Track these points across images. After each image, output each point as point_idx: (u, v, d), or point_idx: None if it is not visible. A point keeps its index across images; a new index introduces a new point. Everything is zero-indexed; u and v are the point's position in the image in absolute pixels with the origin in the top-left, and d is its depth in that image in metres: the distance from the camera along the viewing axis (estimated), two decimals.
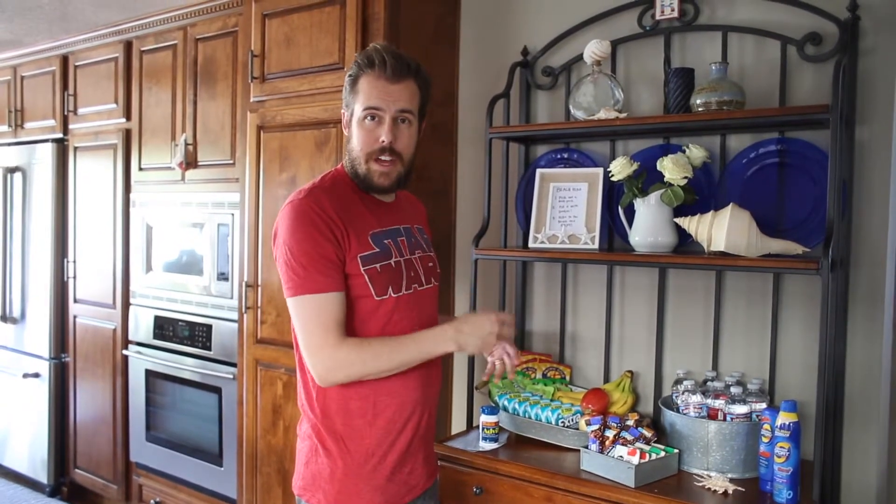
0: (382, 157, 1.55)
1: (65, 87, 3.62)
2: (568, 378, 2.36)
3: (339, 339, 1.48)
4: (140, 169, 3.29)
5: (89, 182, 3.53)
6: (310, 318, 1.49)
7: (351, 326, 1.54)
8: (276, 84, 2.58)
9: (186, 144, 3.03)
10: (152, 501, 3.27)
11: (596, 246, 2.15)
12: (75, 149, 3.58)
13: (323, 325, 1.48)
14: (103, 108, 3.43)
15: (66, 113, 3.61)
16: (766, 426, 1.75)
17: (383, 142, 1.54)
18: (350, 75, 1.58)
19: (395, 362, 1.51)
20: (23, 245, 3.84)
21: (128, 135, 3.33)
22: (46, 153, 3.66)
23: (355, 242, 1.52)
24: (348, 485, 1.55)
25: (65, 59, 3.63)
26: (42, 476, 3.73)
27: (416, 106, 1.59)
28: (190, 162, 3.03)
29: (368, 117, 1.54)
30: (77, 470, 3.65)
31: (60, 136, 3.65)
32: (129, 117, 3.33)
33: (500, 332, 1.55)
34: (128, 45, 3.31)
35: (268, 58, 2.60)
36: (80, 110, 3.55)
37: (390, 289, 1.55)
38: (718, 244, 1.84)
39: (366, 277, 1.52)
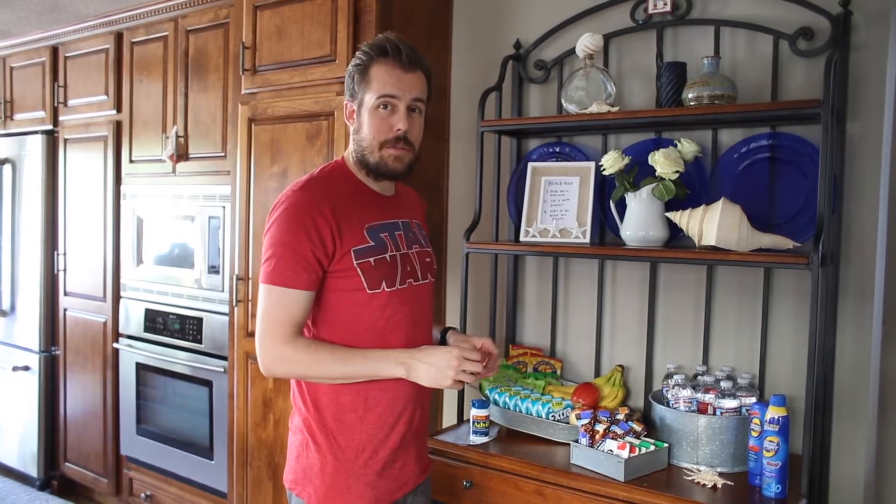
0: (396, 146, 1.54)
1: (55, 78, 3.60)
2: (559, 372, 2.36)
3: (289, 336, 1.48)
4: (131, 161, 3.26)
5: (79, 174, 3.50)
6: (269, 308, 1.49)
7: (343, 319, 1.54)
8: (268, 76, 2.57)
9: (177, 137, 3.01)
10: (143, 495, 3.26)
11: (587, 240, 2.15)
12: (65, 140, 3.56)
13: (277, 318, 1.48)
14: (94, 99, 3.40)
15: (56, 104, 3.59)
16: (756, 420, 1.75)
17: (399, 130, 1.53)
18: (358, 65, 1.56)
19: (336, 372, 1.50)
20: (12, 237, 3.82)
21: (118, 127, 3.31)
22: (36, 145, 3.64)
23: (349, 236, 1.52)
24: (338, 479, 1.55)
25: (55, 50, 3.60)
26: (32, 470, 3.71)
27: (425, 96, 1.59)
28: (181, 154, 3.02)
29: (382, 105, 1.53)
30: (67, 464, 3.64)
31: (50, 127, 3.62)
32: (119, 109, 3.30)
33: (458, 374, 1.47)
34: (118, 37, 3.29)
35: (259, 50, 2.58)
36: (71, 102, 3.52)
37: (384, 283, 1.55)
38: (709, 238, 1.84)
39: (358, 271, 1.52)
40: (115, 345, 3.32)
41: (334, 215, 1.50)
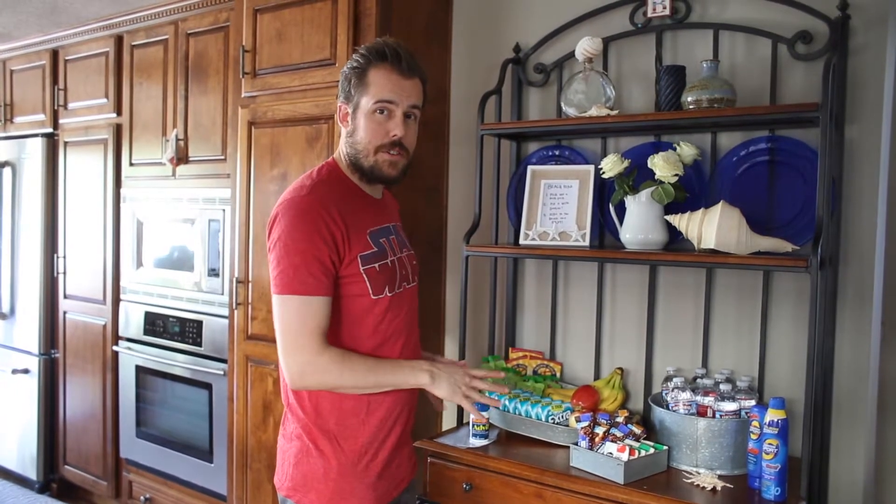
0: (391, 151, 1.55)
1: (55, 81, 3.60)
2: (558, 375, 2.36)
3: (322, 345, 1.47)
4: (131, 164, 3.27)
5: (79, 177, 3.51)
6: (294, 318, 1.46)
7: (347, 324, 1.54)
8: (268, 80, 2.57)
9: (177, 140, 3.01)
10: (142, 498, 3.26)
11: (587, 243, 2.16)
12: (65, 143, 3.56)
13: (305, 328, 1.46)
14: (94, 102, 3.41)
15: (56, 107, 3.59)
16: (755, 423, 1.75)
17: (395, 136, 1.53)
18: (355, 68, 1.56)
19: (369, 381, 1.51)
20: (12, 240, 3.82)
21: (118, 130, 3.31)
22: (36, 148, 3.64)
23: (355, 242, 1.51)
24: (343, 484, 1.56)
25: (55, 54, 3.60)
26: (31, 473, 3.71)
27: (421, 103, 1.60)
28: (181, 157, 3.02)
29: (379, 111, 1.53)
30: (67, 466, 3.64)
31: (50, 130, 3.63)
32: (119, 112, 3.31)
33: (468, 391, 1.55)
34: (118, 40, 3.29)
35: (259, 53, 2.59)
36: (71, 105, 3.53)
37: (386, 288, 1.55)
38: (709, 242, 1.84)
39: (365, 277, 1.52)
40: (114, 347, 3.32)
41: (342, 220, 1.50)
